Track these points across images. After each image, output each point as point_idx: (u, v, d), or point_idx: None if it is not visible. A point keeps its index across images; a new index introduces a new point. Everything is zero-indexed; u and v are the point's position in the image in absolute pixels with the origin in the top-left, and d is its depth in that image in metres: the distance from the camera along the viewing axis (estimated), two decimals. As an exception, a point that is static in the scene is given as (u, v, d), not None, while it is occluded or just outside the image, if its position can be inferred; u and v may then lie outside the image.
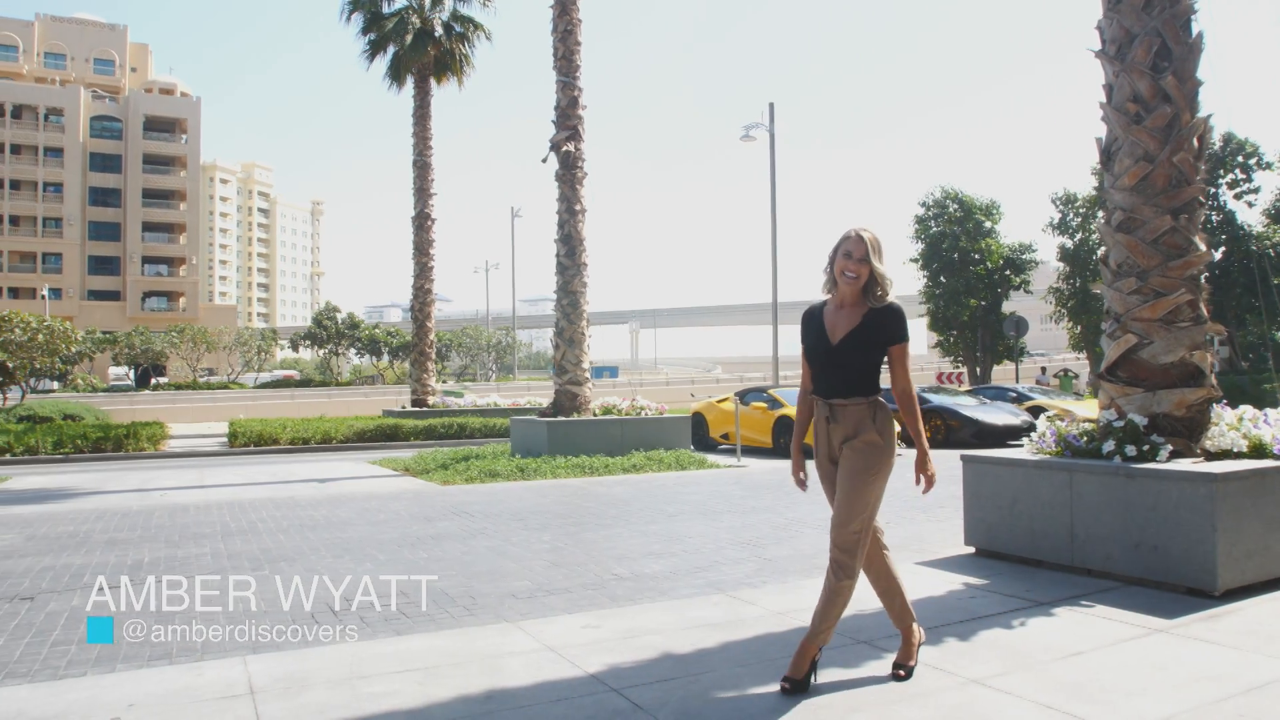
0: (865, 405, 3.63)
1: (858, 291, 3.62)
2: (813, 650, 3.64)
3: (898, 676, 3.74)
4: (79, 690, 3.69)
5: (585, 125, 14.73)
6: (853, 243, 3.58)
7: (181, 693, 3.63)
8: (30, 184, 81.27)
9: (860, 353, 3.61)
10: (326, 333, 53.01)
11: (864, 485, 3.62)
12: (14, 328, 29.64)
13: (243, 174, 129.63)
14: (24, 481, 12.73)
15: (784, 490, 10.38)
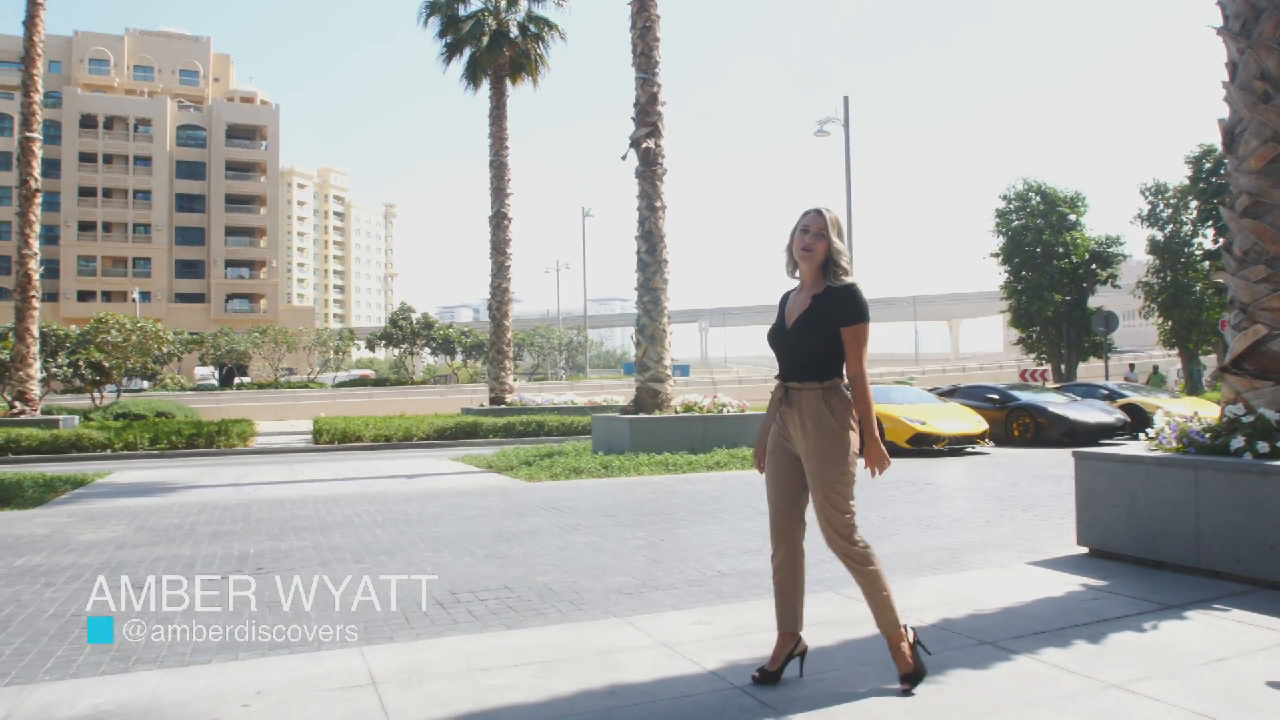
0: (819, 391, 3.45)
1: (816, 270, 3.48)
2: (897, 638, 3.52)
3: (754, 679, 3.58)
4: (207, 677, 3.75)
5: (664, 121, 14.66)
6: (810, 218, 3.48)
7: (304, 681, 3.66)
8: (121, 192, 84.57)
9: (810, 335, 3.44)
10: (402, 333, 54.02)
11: (834, 475, 3.42)
12: (110, 329, 30.88)
13: (319, 178, 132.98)
14: (125, 476, 13.16)
15: (874, 487, 10.16)
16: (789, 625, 3.63)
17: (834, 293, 3.44)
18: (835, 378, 3.46)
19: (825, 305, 3.43)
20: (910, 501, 9.07)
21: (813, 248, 3.44)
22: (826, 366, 3.45)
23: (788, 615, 3.63)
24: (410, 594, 5.05)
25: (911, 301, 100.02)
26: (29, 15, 20.89)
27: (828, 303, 3.43)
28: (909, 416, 14.50)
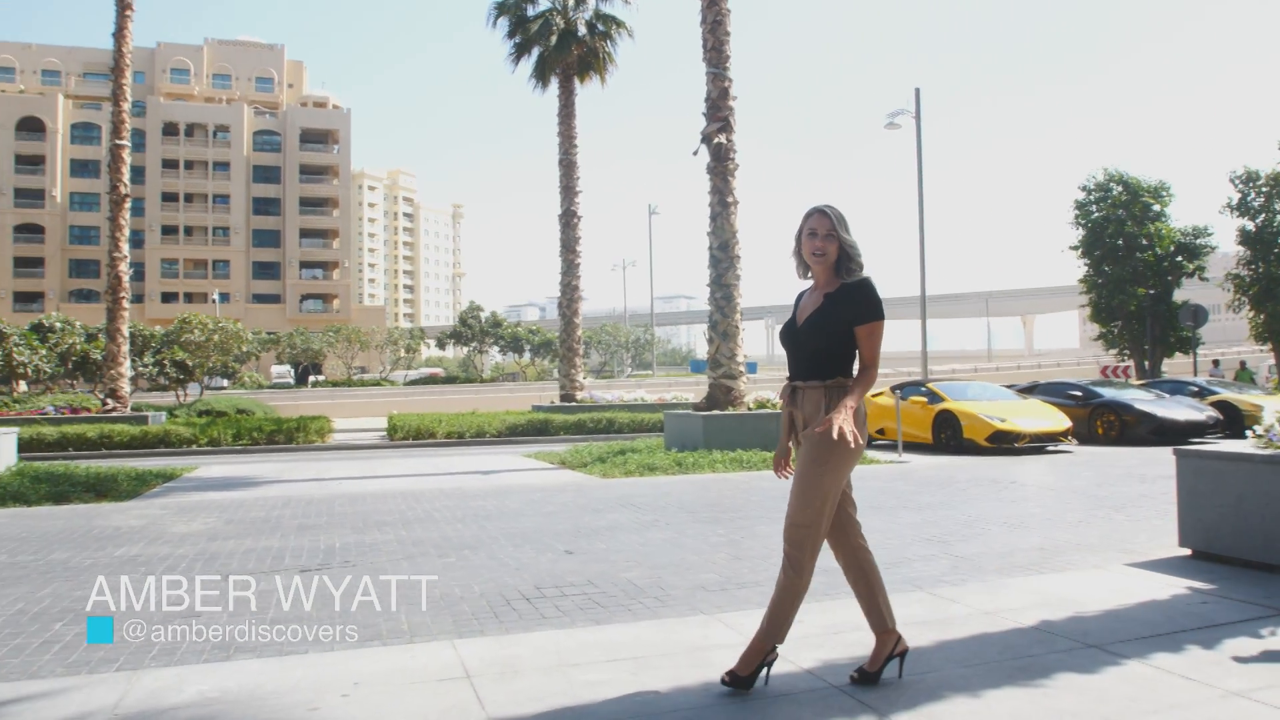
0: (822, 390, 3.34)
1: (829, 269, 3.39)
2: (764, 648, 3.39)
3: (852, 679, 3.48)
4: (304, 667, 3.81)
5: (736, 117, 14.55)
6: (815, 220, 3.38)
7: (399, 673, 3.69)
8: (201, 196, 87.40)
9: (818, 334, 3.34)
10: (471, 331, 54.80)
11: (814, 477, 3.28)
12: (193, 329, 31.95)
13: (388, 180, 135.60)
14: (211, 470, 13.56)
15: (954, 486, 9.95)
16: (878, 625, 3.53)
17: (848, 289, 3.35)
18: (840, 377, 3.34)
19: (838, 302, 3.34)
20: (995, 500, 8.83)
21: (824, 250, 3.36)
22: (833, 365, 3.34)
23: (873, 615, 3.54)
24: (494, 588, 5.06)
25: (984, 297, 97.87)
26: (118, 27, 21.66)
27: (841, 300, 3.34)
28: (988, 414, 14.15)
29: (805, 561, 3.37)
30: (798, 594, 3.39)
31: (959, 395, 15.29)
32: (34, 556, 6.41)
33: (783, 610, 3.40)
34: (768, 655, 3.42)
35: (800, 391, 3.42)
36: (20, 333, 32.51)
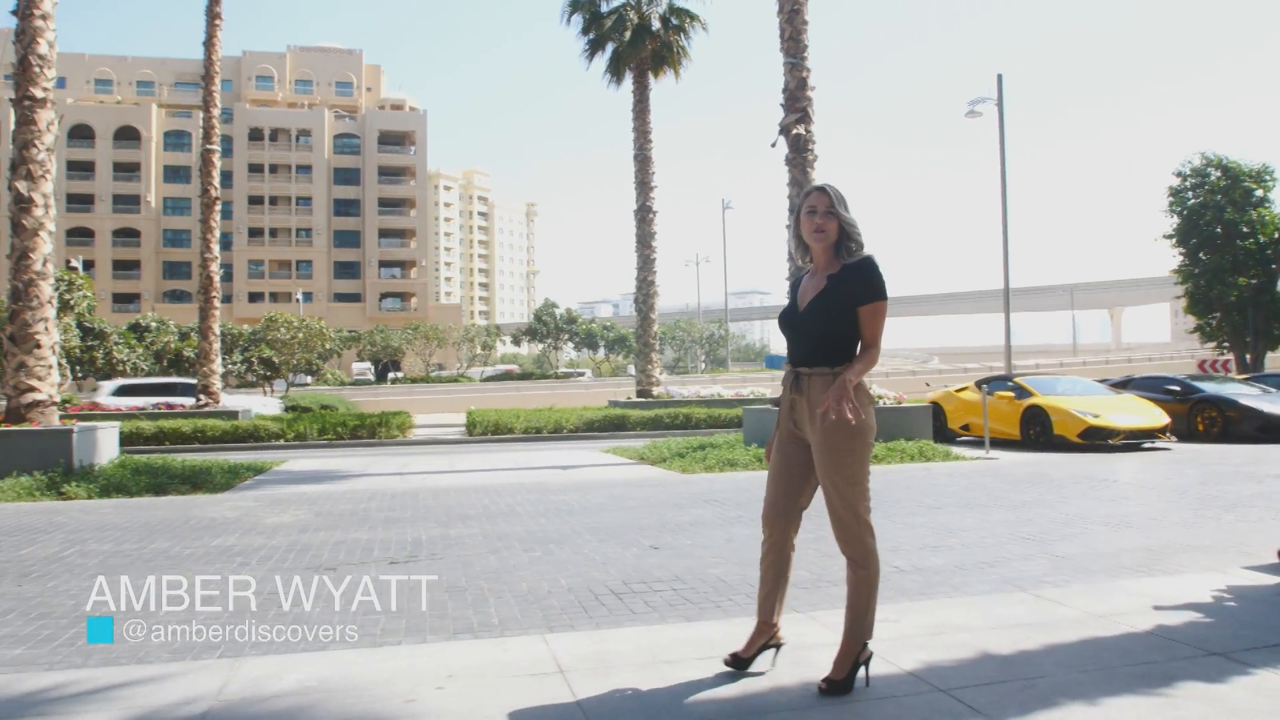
0: (830, 376, 3.23)
1: (829, 250, 3.30)
2: (855, 649, 3.33)
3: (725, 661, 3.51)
4: (398, 658, 3.82)
5: (814, 107, 14.29)
6: (814, 198, 3.31)
7: (492, 666, 3.67)
8: (285, 199, 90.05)
9: (823, 318, 3.24)
10: (546, 328, 55.32)
11: (844, 465, 3.22)
12: (279, 328, 32.91)
13: (463, 180, 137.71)
14: (299, 464, 13.88)
15: (1048, 484, 9.60)
16: (766, 614, 3.49)
17: (850, 270, 3.25)
18: (848, 362, 3.24)
19: (842, 284, 3.24)
20: (1093, 499, 8.48)
21: (825, 228, 3.28)
22: (840, 350, 3.24)
23: (767, 604, 3.49)
24: (585, 585, 5.03)
25: (1068, 290, 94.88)
26: (208, 36, 22.35)
27: (844, 281, 3.24)
28: (1080, 409, 13.64)
29: (867, 552, 3.33)
30: (873, 584, 3.33)
31: (1048, 390, 14.79)
32: (137, 545, 6.62)
33: (862, 605, 3.33)
34: (860, 655, 3.33)
35: (805, 378, 3.32)
36: (119, 332, 33.94)
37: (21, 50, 11.91)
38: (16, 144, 11.81)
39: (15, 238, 11.63)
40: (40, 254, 11.66)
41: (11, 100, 12.09)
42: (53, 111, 12.10)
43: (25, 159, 11.70)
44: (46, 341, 11.55)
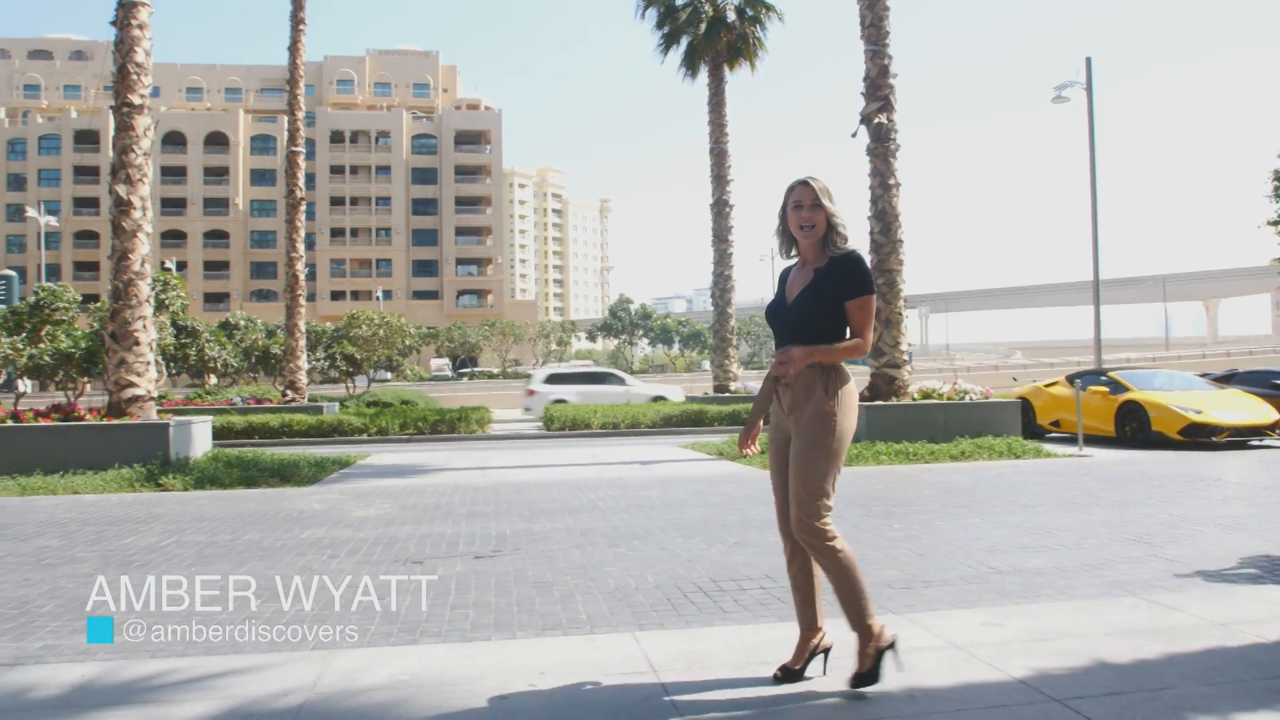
0: (817, 370, 3.20)
1: (816, 244, 3.28)
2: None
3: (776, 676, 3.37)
4: (489, 654, 3.79)
5: (896, 95, 13.95)
6: (800, 192, 3.27)
7: (583, 664, 3.61)
8: (365, 199, 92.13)
9: (811, 312, 3.21)
10: (621, 323, 55.49)
11: (813, 460, 3.15)
12: (361, 325, 33.61)
13: (537, 178, 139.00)
14: (382, 458, 14.12)
15: (1148, 483, 9.18)
16: (808, 623, 3.39)
17: (837, 263, 3.23)
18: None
19: (828, 278, 3.22)
20: (1200, 499, 8.06)
21: (812, 221, 3.26)
22: (824, 342, 3.20)
23: (806, 612, 3.39)
24: (672, 582, 4.95)
25: (1160, 281, 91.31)
26: (292, 41, 22.94)
27: (831, 275, 3.22)
28: (1181, 405, 13.04)
29: (827, 541, 3.19)
30: (852, 569, 3.24)
31: (1145, 384, 14.17)
32: (231, 536, 6.78)
33: (849, 596, 3.25)
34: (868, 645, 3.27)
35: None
36: (211, 331, 35.10)
37: (120, 59, 12.35)
38: (116, 149, 12.25)
39: (115, 239, 12.07)
40: (138, 254, 12.07)
41: (111, 107, 12.55)
42: (149, 117, 12.52)
43: (124, 163, 12.13)
44: (145, 339, 11.96)
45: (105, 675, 3.59)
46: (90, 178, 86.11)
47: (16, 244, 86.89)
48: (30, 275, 68.72)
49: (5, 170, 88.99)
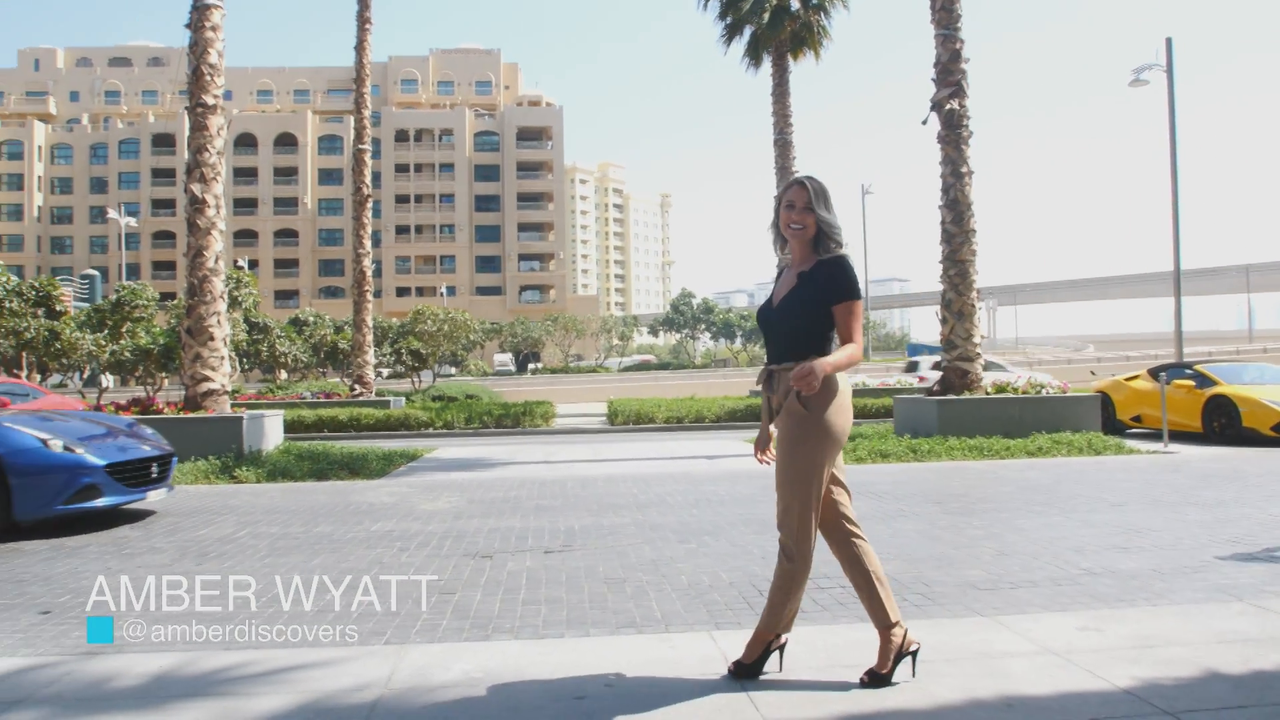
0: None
1: (806, 246, 3.25)
2: (768, 637, 3.30)
3: (862, 682, 3.21)
4: (562, 651, 3.71)
5: (969, 80, 13.55)
6: (794, 192, 3.23)
7: (660, 663, 3.51)
8: (429, 197, 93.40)
9: (796, 315, 3.20)
10: (683, 318, 55.31)
11: (796, 458, 3.14)
12: (426, 320, 34.00)
13: (598, 173, 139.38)
14: (448, 452, 14.22)
15: (1243, 481, 8.73)
16: (881, 620, 3.31)
17: (822, 266, 3.19)
18: (816, 357, 3.11)
19: (813, 282, 3.19)
20: (1302, 497, 7.64)
21: (803, 223, 3.22)
22: (809, 346, 3.17)
23: (875, 610, 3.31)
24: (747, 579, 4.81)
25: (1242, 271, 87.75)
26: (359, 40, 23.24)
27: (816, 278, 3.19)
28: (1275, 400, 12.42)
29: (799, 546, 3.24)
30: (796, 580, 3.26)
31: (1234, 378, 13.55)
32: (303, 529, 6.83)
33: (781, 597, 3.27)
34: (771, 644, 3.32)
35: (776, 375, 3.28)
36: (281, 327, 35.91)
37: (194, 61, 12.61)
38: (191, 148, 12.52)
39: (190, 236, 12.34)
40: (212, 252, 12.32)
41: (186, 108, 12.83)
42: (222, 117, 12.77)
43: (198, 162, 12.39)
44: (219, 334, 12.21)
45: (182, 666, 3.60)
46: (167, 180, 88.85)
47: (99, 245, 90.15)
48: (111, 275, 71.18)
49: (88, 174, 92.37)
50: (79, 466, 6.72)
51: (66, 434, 6.95)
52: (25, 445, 6.63)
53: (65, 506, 6.64)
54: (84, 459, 6.77)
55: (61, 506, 6.63)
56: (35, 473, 6.56)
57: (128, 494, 7.07)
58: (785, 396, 3.19)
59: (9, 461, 6.48)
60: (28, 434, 6.73)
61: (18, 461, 6.51)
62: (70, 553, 6.01)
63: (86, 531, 6.78)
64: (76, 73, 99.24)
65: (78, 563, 5.69)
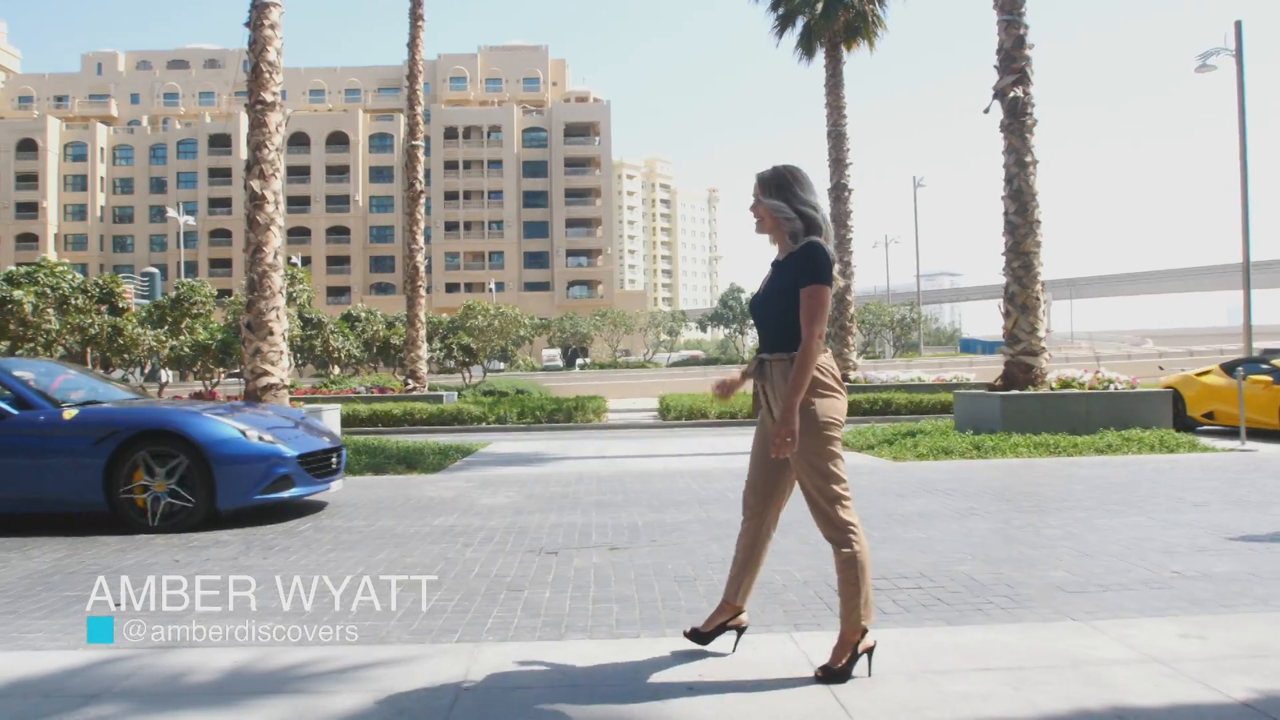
0: (787, 362, 3.19)
1: (782, 237, 3.29)
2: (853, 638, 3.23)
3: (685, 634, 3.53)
4: (639, 652, 3.60)
5: (1033, 66, 13.17)
6: (754, 187, 3.33)
7: (742, 666, 3.39)
8: (478, 193, 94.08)
9: (771, 303, 3.27)
10: (731, 313, 54.98)
11: (808, 449, 3.15)
12: (477, 315, 34.27)
13: (645, 168, 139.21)
14: (502, 446, 14.23)
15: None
16: (731, 596, 3.47)
17: (793, 256, 3.23)
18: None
19: (787, 269, 3.24)
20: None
21: (757, 215, 3.35)
22: (793, 334, 3.18)
23: (732, 585, 3.47)
24: (821, 578, 4.67)
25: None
26: (411, 37, 23.36)
27: (789, 266, 3.23)
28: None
29: (847, 534, 3.24)
30: (858, 564, 3.23)
31: (1315, 374, 13.01)
32: (365, 523, 6.83)
33: (852, 588, 3.22)
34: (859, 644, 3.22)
35: (768, 364, 3.31)
36: (334, 323, 36.38)
37: (253, 59, 12.73)
38: (250, 145, 12.65)
39: (250, 232, 12.47)
40: (271, 247, 12.44)
41: (245, 105, 12.97)
42: (280, 114, 12.87)
43: (258, 159, 12.51)
44: (278, 329, 12.32)
45: (256, 662, 3.56)
46: (223, 179, 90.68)
47: (158, 243, 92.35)
48: (170, 272, 72.84)
49: (148, 174, 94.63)
50: (276, 457, 6.80)
51: (257, 425, 7.00)
52: (227, 435, 6.68)
53: (262, 496, 6.73)
54: (280, 449, 6.85)
55: (258, 496, 6.72)
56: (237, 462, 6.63)
57: (314, 485, 7.15)
58: (778, 390, 3.21)
59: (213, 451, 6.52)
60: (228, 424, 6.79)
61: (221, 451, 6.56)
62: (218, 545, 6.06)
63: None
64: (136, 75, 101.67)
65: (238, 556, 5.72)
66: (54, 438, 6.60)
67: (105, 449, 6.46)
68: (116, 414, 6.85)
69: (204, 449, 6.52)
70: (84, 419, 6.68)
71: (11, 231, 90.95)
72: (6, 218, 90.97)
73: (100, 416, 6.76)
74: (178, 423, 6.64)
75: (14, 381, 6.86)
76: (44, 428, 6.63)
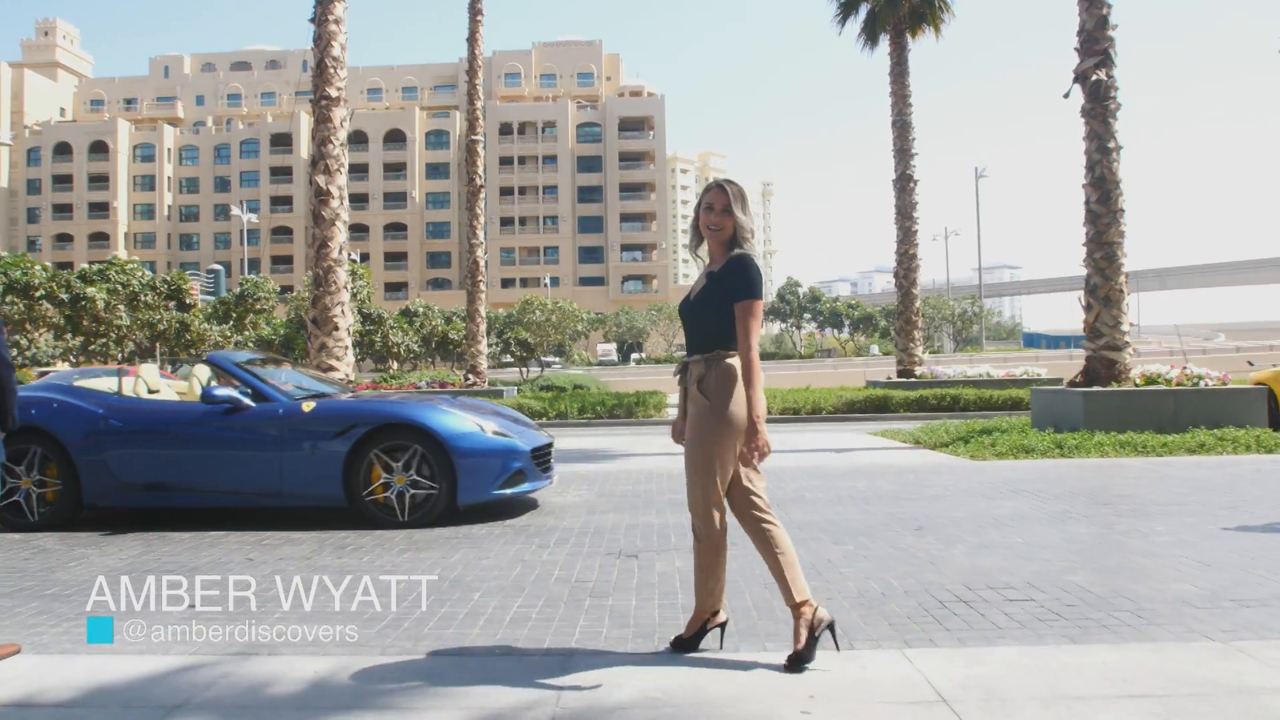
0: (701, 363, 3.39)
1: (722, 245, 3.43)
2: (704, 615, 3.53)
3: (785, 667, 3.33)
4: (745, 670, 3.37)
5: (1117, 48, 12.61)
6: (714, 194, 3.42)
7: (855, 687, 3.15)
8: (532, 189, 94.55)
9: (702, 311, 3.40)
10: (789, 307, 54.38)
11: (698, 446, 3.37)
12: (534, 311, 34.32)
13: (699, 162, 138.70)
14: (565, 443, 14.03)
15: None
16: (788, 598, 3.40)
17: (728, 266, 3.36)
18: (718, 349, 3.35)
19: (721, 279, 3.36)
20: None
21: (721, 225, 3.40)
22: (714, 340, 3.36)
23: (783, 588, 3.41)
24: (922, 588, 4.39)
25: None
26: (470, 32, 23.38)
27: (723, 277, 3.36)
28: None
29: (705, 528, 3.43)
30: (710, 559, 3.48)
31: None
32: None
33: (701, 577, 3.50)
34: (708, 622, 3.53)
35: (689, 366, 3.46)
36: (393, 318, 36.76)
37: (318, 54, 12.76)
38: (315, 140, 12.69)
39: (315, 227, 12.51)
40: (336, 243, 12.46)
41: (310, 101, 13.00)
42: (345, 109, 12.89)
43: (323, 154, 12.54)
44: (343, 324, 12.34)
45: (338, 671, 3.42)
46: (284, 178, 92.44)
47: (223, 241, 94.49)
48: (234, 269, 74.47)
49: (213, 173, 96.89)
50: (512, 451, 6.67)
51: (486, 419, 6.84)
52: (466, 429, 6.55)
53: (499, 491, 6.62)
54: (515, 444, 6.72)
55: (496, 491, 6.61)
56: (477, 456, 6.51)
57: (540, 479, 7.03)
58: (695, 384, 3.37)
59: (455, 445, 6.41)
60: (467, 417, 6.68)
61: (463, 445, 6.45)
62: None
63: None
64: (201, 77, 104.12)
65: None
66: (295, 430, 6.50)
67: (346, 441, 6.38)
68: (356, 407, 6.77)
69: (446, 443, 6.37)
70: (324, 411, 6.59)
71: (84, 231, 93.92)
72: (80, 217, 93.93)
73: (340, 409, 6.68)
74: (419, 417, 6.48)
75: (248, 374, 6.79)
76: (284, 420, 6.55)
